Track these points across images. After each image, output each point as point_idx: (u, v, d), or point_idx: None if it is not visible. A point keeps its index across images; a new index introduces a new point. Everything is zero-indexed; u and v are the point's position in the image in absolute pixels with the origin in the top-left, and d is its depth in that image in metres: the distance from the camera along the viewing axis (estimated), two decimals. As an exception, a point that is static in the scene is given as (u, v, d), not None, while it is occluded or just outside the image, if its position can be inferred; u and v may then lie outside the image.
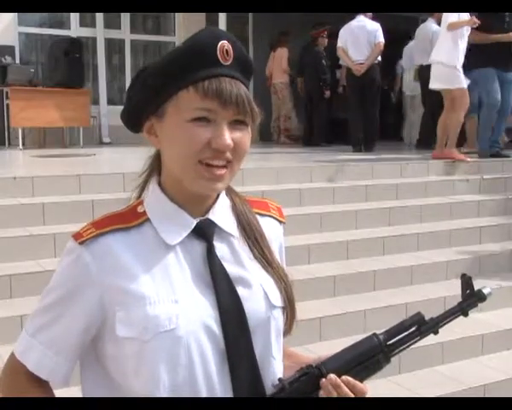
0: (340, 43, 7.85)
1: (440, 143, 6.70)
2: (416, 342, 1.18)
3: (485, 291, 1.21)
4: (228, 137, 1.07)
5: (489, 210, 5.73)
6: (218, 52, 1.07)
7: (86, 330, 1.12)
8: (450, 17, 6.32)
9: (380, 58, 7.94)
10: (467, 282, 1.22)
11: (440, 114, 6.73)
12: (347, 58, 7.79)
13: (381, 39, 7.66)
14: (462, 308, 1.21)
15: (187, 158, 1.08)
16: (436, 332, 1.19)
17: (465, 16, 6.31)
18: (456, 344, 3.85)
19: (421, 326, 1.18)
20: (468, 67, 6.52)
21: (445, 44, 6.42)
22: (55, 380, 1.15)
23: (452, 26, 6.27)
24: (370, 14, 7.86)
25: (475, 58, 6.56)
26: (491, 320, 4.14)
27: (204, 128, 1.07)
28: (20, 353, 1.15)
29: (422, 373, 3.68)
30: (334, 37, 8.21)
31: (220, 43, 1.08)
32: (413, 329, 1.18)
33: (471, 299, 1.21)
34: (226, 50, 1.08)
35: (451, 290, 4.28)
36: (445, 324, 1.20)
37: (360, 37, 7.67)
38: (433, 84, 6.60)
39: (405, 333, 1.17)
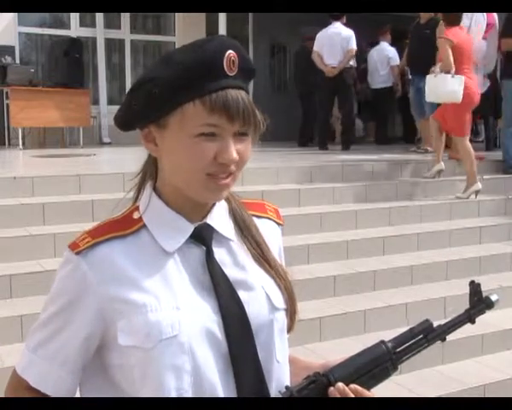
0: (316, 48, 8.21)
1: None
2: (423, 349, 1.18)
3: (493, 298, 1.21)
4: (233, 151, 1.07)
5: (489, 210, 5.73)
6: (224, 63, 1.06)
7: (87, 340, 1.10)
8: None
9: (351, 62, 8.20)
10: (475, 289, 1.22)
11: None
12: (321, 62, 8.12)
13: (354, 46, 8.10)
14: (470, 315, 1.21)
15: (193, 172, 1.07)
16: (444, 339, 1.19)
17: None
18: (456, 344, 3.84)
19: (428, 334, 1.17)
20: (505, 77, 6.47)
21: None
22: (59, 394, 1.12)
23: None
24: (344, 20, 8.17)
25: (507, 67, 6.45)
26: (491, 320, 4.11)
27: (210, 143, 1.06)
28: (21, 369, 1.13)
29: (422, 373, 3.66)
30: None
31: (227, 54, 1.06)
32: (421, 336, 1.17)
33: (479, 306, 1.21)
34: (233, 61, 1.07)
35: (451, 290, 4.28)
36: (452, 331, 1.20)
37: (335, 42, 8.05)
38: None
39: (413, 341, 1.17)
